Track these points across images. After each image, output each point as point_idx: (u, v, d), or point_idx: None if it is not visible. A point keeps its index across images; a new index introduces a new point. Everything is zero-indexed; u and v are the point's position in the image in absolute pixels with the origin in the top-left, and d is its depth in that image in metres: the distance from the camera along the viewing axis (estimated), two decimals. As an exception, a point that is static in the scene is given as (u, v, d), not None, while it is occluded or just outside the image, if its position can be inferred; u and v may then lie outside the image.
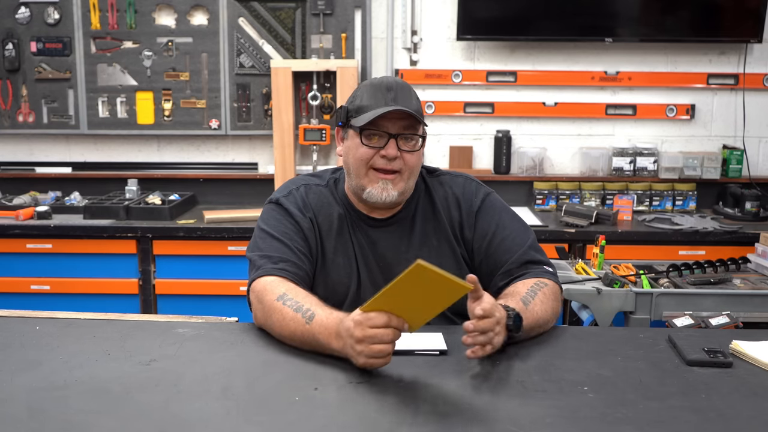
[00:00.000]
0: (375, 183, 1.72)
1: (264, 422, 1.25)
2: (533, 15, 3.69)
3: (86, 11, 3.68)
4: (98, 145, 3.90)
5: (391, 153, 1.70)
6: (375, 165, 1.72)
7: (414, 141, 1.73)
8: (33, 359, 1.49)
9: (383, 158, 1.70)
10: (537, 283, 1.69)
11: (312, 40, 3.68)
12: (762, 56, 3.75)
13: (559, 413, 1.27)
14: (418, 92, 1.81)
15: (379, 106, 1.68)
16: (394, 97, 1.69)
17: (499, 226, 1.80)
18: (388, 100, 1.69)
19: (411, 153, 1.72)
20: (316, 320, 1.49)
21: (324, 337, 1.46)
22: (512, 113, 3.83)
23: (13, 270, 3.40)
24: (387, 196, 1.72)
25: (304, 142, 3.65)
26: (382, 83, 1.73)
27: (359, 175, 1.74)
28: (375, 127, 1.70)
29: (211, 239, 3.35)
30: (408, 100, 1.71)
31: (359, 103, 1.73)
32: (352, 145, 1.74)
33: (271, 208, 1.81)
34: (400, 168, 1.72)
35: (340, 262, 1.79)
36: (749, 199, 3.54)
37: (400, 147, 1.71)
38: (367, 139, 1.71)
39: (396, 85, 1.72)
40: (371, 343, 1.37)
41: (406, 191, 1.76)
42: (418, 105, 1.74)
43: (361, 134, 1.71)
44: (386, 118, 1.69)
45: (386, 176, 1.72)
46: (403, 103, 1.69)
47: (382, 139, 1.70)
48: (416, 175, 1.78)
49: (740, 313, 2.33)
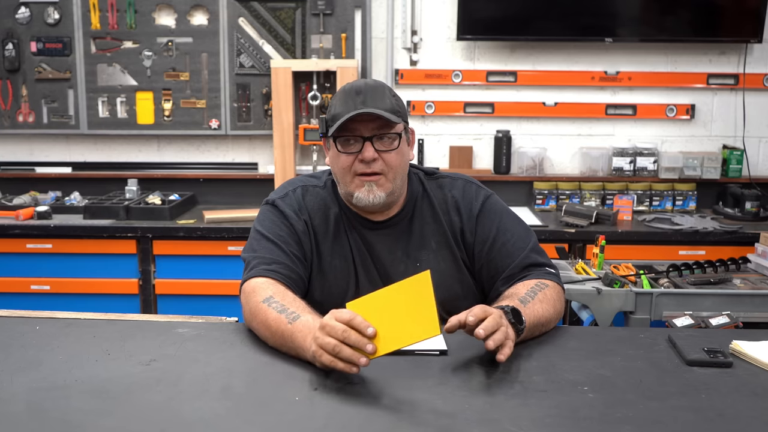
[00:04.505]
0: (361, 187, 1.71)
1: (264, 422, 1.25)
2: (533, 15, 3.69)
3: (86, 11, 3.68)
4: (98, 145, 3.90)
5: (367, 156, 1.68)
6: (357, 170, 1.70)
7: (390, 140, 1.71)
8: (33, 359, 1.49)
9: (362, 162, 1.69)
10: (537, 284, 1.69)
11: (312, 40, 3.68)
12: (762, 56, 3.75)
13: (559, 413, 1.27)
14: (418, 92, 1.81)
15: (349, 111, 1.67)
16: (363, 100, 1.68)
17: (500, 229, 1.79)
18: (357, 104, 1.67)
19: (389, 152, 1.70)
20: (300, 321, 1.47)
21: (302, 336, 1.44)
22: (512, 113, 3.83)
23: (13, 270, 3.40)
24: (374, 197, 1.71)
25: (304, 142, 3.65)
26: (352, 88, 1.71)
27: (345, 182, 1.73)
28: (348, 132, 1.69)
29: (211, 239, 3.35)
30: (379, 100, 1.69)
31: (333, 112, 1.72)
32: (333, 154, 1.74)
33: (267, 210, 1.81)
34: (381, 169, 1.70)
35: (338, 265, 1.78)
36: (749, 199, 3.55)
37: (377, 148, 1.69)
38: (343, 146, 1.70)
39: (365, 88, 1.70)
40: (326, 334, 1.36)
41: (395, 191, 1.74)
42: (393, 103, 1.71)
43: (336, 142, 1.71)
44: (358, 122, 1.68)
45: (369, 178, 1.70)
46: (373, 105, 1.67)
47: (358, 144, 1.69)
48: (403, 174, 1.76)
49: (740, 313, 2.33)
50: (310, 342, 1.41)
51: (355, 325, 1.33)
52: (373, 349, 1.32)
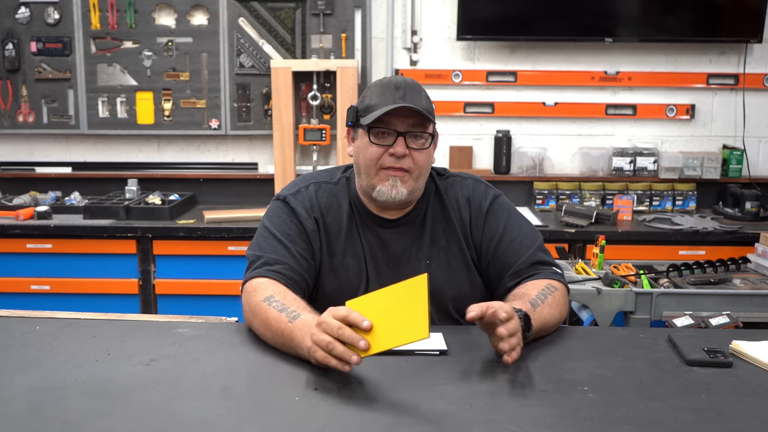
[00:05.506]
0: (385, 181, 1.71)
1: (264, 422, 1.24)
2: (533, 15, 3.69)
3: (86, 11, 3.68)
4: (98, 145, 3.90)
5: (399, 151, 1.69)
6: (384, 164, 1.70)
7: (423, 139, 1.72)
8: (33, 359, 1.49)
9: (392, 156, 1.69)
10: (548, 287, 1.68)
11: (312, 40, 3.68)
12: (762, 56, 3.75)
13: (559, 413, 1.27)
14: (419, 92, 1.81)
15: (387, 104, 1.68)
16: (402, 95, 1.69)
17: (507, 227, 1.79)
18: (396, 98, 1.68)
19: (420, 151, 1.71)
20: (300, 320, 1.47)
21: (301, 334, 1.44)
22: (512, 113, 3.83)
23: (13, 270, 3.40)
24: (396, 193, 1.71)
25: (304, 142, 3.65)
26: (390, 82, 1.73)
27: (369, 174, 1.73)
28: (383, 125, 1.69)
29: (211, 239, 3.35)
30: (417, 98, 1.70)
31: (368, 102, 1.72)
32: (361, 144, 1.74)
33: (277, 206, 1.80)
34: (409, 167, 1.70)
35: (350, 263, 1.78)
36: (749, 199, 3.55)
37: (408, 145, 1.70)
38: (376, 138, 1.70)
39: (405, 84, 1.72)
40: (321, 331, 1.36)
41: (416, 191, 1.75)
42: (428, 104, 1.73)
43: (369, 132, 1.71)
44: (394, 116, 1.68)
45: (396, 173, 1.70)
46: (412, 101, 1.68)
47: (391, 137, 1.70)
48: (426, 176, 1.77)
49: (740, 313, 2.33)
50: (307, 340, 1.41)
51: (351, 321, 1.34)
52: (366, 345, 1.32)
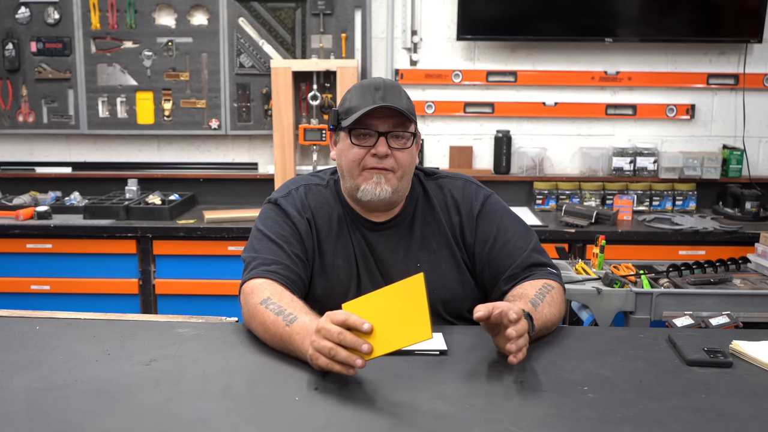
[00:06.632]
0: (369, 179, 1.71)
1: (264, 422, 1.24)
2: (533, 15, 3.69)
3: (86, 11, 3.68)
4: (98, 145, 3.90)
5: (381, 151, 1.69)
6: (367, 165, 1.71)
7: (405, 139, 1.72)
8: (33, 359, 1.49)
9: (374, 157, 1.70)
10: (545, 286, 1.69)
11: (312, 40, 3.68)
12: (762, 56, 3.75)
13: (559, 413, 1.27)
14: (418, 92, 1.82)
15: (367, 105, 1.68)
16: (382, 95, 1.69)
17: (501, 229, 1.79)
18: (376, 99, 1.69)
19: (402, 151, 1.71)
20: (297, 323, 1.46)
21: (300, 338, 1.44)
22: (512, 113, 3.83)
23: (13, 270, 3.41)
24: (381, 191, 1.71)
25: (304, 142, 3.65)
26: (370, 84, 1.73)
27: (353, 175, 1.73)
28: (364, 126, 1.70)
29: (211, 239, 3.35)
30: (397, 98, 1.70)
31: (348, 105, 1.73)
32: (343, 146, 1.74)
33: (269, 209, 1.80)
34: (392, 166, 1.70)
35: (340, 264, 1.78)
36: (749, 199, 3.55)
37: (390, 145, 1.70)
38: (357, 139, 1.71)
39: (384, 85, 1.71)
40: (321, 337, 1.35)
41: (400, 190, 1.75)
42: (408, 104, 1.73)
43: (350, 134, 1.71)
44: (375, 117, 1.69)
45: (379, 171, 1.70)
46: (392, 102, 1.68)
47: (372, 138, 1.70)
48: (410, 176, 1.77)
49: (740, 313, 2.33)
50: (307, 345, 1.40)
51: (350, 324, 1.33)
52: (369, 349, 1.31)
